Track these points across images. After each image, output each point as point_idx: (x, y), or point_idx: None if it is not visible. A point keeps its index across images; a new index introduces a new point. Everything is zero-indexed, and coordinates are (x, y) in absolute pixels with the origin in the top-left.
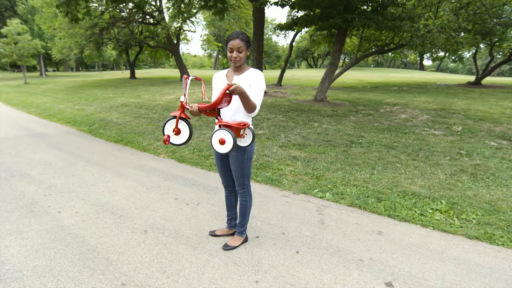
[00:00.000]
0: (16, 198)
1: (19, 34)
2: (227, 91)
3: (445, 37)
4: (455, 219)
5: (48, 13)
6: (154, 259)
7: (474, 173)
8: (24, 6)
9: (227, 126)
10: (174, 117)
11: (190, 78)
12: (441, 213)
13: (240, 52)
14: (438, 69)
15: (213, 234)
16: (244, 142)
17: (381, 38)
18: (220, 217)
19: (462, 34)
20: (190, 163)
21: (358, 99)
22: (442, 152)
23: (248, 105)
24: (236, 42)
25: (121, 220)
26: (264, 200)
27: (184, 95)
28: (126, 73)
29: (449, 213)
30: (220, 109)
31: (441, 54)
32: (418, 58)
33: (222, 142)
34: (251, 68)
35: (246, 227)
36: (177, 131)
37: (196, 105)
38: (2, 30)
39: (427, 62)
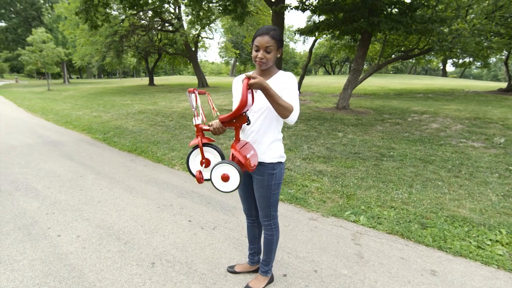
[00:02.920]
0: (15, 216)
1: (44, 42)
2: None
3: (477, 41)
4: None
5: (70, 21)
6: None
7: None
8: (50, 15)
9: (234, 159)
10: (196, 146)
11: (196, 91)
12: (503, 245)
13: (269, 53)
14: (462, 75)
15: (231, 270)
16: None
17: (404, 43)
18: (240, 246)
19: (493, 38)
20: None
21: (382, 107)
22: (488, 168)
23: (279, 105)
24: (264, 40)
25: (127, 248)
26: (290, 224)
27: (197, 115)
28: (145, 80)
29: None
30: (248, 115)
31: (468, 59)
32: (441, 64)
33: (225, 178)
34: (281, 71)
35: (271, 265)
36: (206, 163)
37: (217, 120)
38: (28, 39)
39: (449, 69)
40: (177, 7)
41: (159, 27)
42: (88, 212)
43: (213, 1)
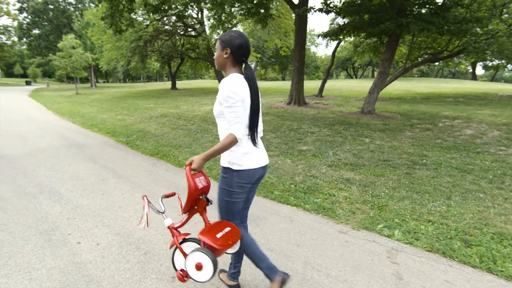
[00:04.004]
0: (37, 221)
1: (73, 48)
2: (192, 172)
3: None
4: None
5: (98, 27)
6: None
7: None
8: (79, 22)
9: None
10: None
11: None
12: None
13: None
14: (493, 79)
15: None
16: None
17: (432, 46)
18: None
19: None
20: None
21: (410, 112)
22: None
23: (223, 149)
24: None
25: (146, 259)
26: (318, 238)
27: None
28: (168, 84)
29: None
30: (207, 197)
31: (501, 62)
32: (470, 67)
33: (198, 267)
34: (230, 75)
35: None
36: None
37: (171, 223)
38: (59, 45)
39: (478, 72)
40: (199, 12)
41: (182, 32)
42: (108, 218)
43: (236, 5)
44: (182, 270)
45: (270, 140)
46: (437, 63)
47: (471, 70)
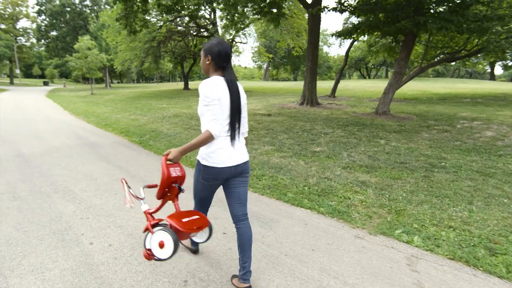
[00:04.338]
0: (51, 220)
1: (89, 49)
2: (168, 162)
3: None
4: None
5: (113, 28)
6: None
7: None
8: (95, 24)
9: (172, 219)
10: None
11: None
12: None
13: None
14: None
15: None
16: (198, 237)
17: (449, 45)
18: (280, 265)
19: None
20: None
21: (426, 113)
22: None
23: (199, 145)
24: None
25: (158, 262)
26: (334, 243)
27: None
28: (181, 84)
29: None
30: (179, 186)
31: None
32: (488, 67)
33: (161, 245)
34: (209, 78)
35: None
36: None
37: (147, 208)
38: (75, 46)
39: (496, 72)
40: (212, 12)
41: (194, 33)
42: (121, 219)
43: (249, 5)
44: (149, 249)
45: (283, 141)
46: (453, 63)
47: (489, 70)
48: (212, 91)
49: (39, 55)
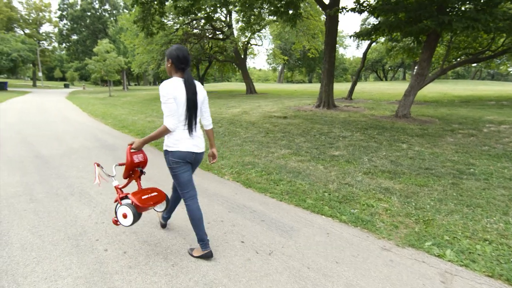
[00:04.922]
0: (66, 224)
1: (107, 52)
2: (132, 150)
3: None
4: None
5: (130, 32)
6: None
7: None
8: (114, 27)
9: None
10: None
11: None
12: None
13: None
14: None
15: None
16: (158, 208)
17: (473, 45)
18: (303, 279)
19: None
20: (258, 189)
21: (449, 116)
22: None
23: (157, 136)
24: None
25: (174, 272)
26: (359, 255)
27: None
28: None
29: None
30: (141, 169)
31: None
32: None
33: (124, 216)
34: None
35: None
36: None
37: (117, 184)
38: (94, 49)
39: None
40: (228, 14)
41: (210, 36)
42: (136, 224)
43: (265, 6)
44: (116, 218)
45: (300, 144)
46: (475, 64)
47: None
48: (168, 91)
49: (61, 59)
